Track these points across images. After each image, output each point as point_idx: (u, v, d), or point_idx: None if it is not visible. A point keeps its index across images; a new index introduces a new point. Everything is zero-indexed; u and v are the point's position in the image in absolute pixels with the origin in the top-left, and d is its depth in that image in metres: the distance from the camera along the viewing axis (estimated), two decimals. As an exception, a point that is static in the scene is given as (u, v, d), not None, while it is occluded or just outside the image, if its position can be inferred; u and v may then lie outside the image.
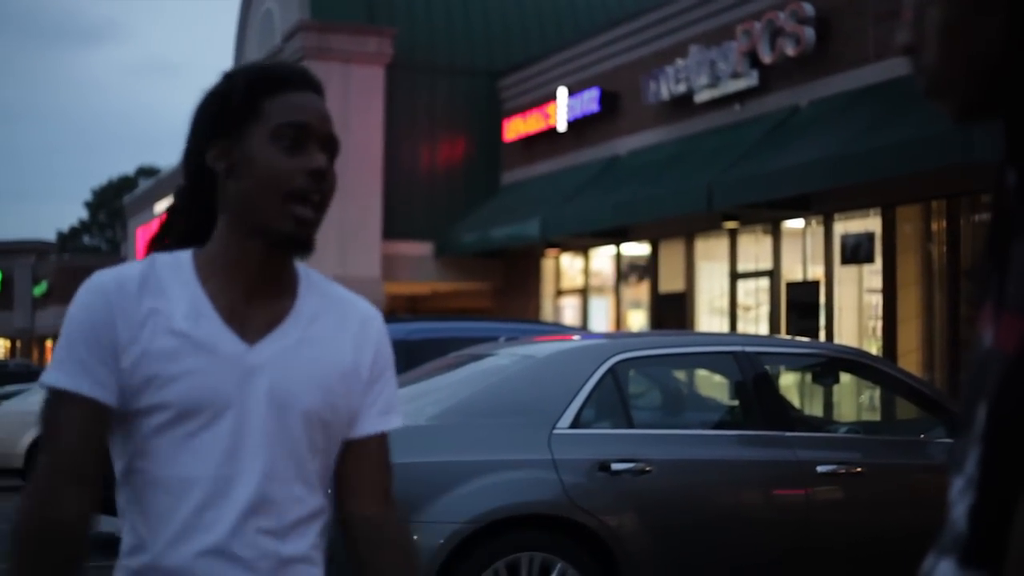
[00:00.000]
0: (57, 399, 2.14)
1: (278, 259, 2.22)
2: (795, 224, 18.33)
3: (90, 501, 2.12)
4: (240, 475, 2.15)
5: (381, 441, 2.32)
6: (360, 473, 2.30)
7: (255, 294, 2.21)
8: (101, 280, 2.20)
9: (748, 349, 7.94)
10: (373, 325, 2.33)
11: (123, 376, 2.13)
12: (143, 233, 46.76)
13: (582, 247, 24.04)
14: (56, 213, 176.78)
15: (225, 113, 2.21)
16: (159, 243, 2.35)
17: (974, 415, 1.34)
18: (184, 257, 2.23)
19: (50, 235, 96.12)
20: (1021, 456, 1.26)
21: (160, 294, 2.17)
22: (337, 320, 2.28)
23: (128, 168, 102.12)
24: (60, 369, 2.14)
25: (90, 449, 2.12)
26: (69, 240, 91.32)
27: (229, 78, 2.27)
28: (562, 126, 24.36)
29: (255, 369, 2.17)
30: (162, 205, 43.14)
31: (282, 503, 2.18)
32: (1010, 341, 1.29)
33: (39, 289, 69.33)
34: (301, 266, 2.28)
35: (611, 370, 7.53)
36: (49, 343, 70.09)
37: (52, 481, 2.09)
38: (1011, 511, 1.24)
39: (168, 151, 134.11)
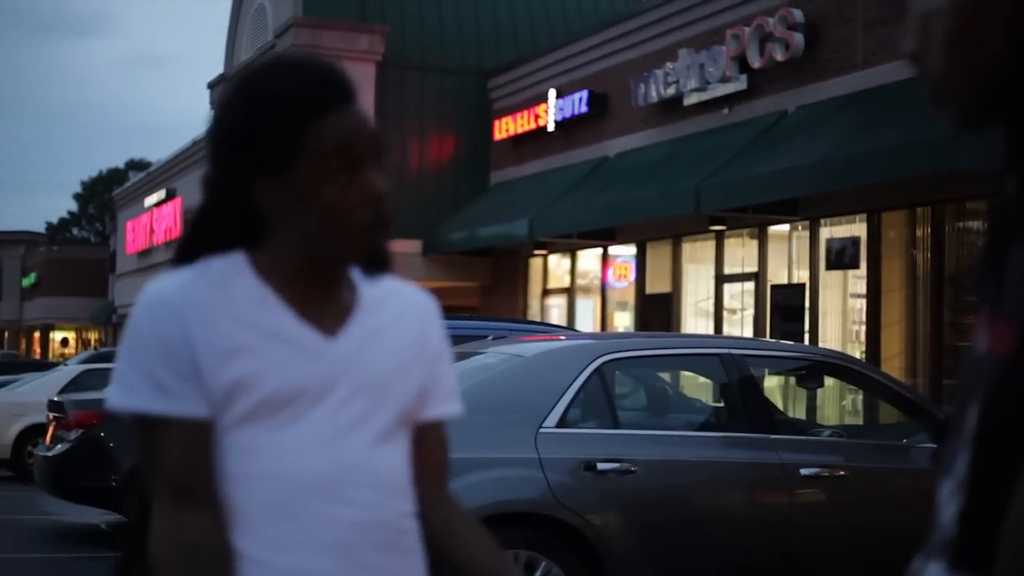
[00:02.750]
0: (147, 426, 2.05)
1: None
2: (781, 228, 18.41)
3: (217, 521, 2.04)
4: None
5: (442, 426, 2.30)
6: (427, 456, 2.26)
7: (318, 288, 2.14)
8: (160, 290, 2.07)
9: (734, 351, 7.95)
10: (431, 311, 2.30)
11: (208, 385, 2.03)
12: (132, 226, 46.68)
13: (569, 247, 24.09)
14: (46, 205, 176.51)
15: (263, 149, 2.06)
16: (189, 256, 2.17)
17: (965, 418, 1.35)
18: (239, 260, 2.13)
19: (39, 226, 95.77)
20: (1011, 460, 1.26)
21: (226, 295, 2.08)
22: (399, 307, 2.24)
23: (118, 161, 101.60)
24: (137, 392, 2.04)
25: (200, 471, 2.04)
26: (58, 231, 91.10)
27: (256, 105, 2.08)
28: (551, 126, 24.39)
29: (343, 360, 2.12)
30: (152, 199, 43.09)
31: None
32: (1004, 346, 1.30)
33: (28, 280, 69.23)
34: None
35: (598, 370, 7.55)
36: (37, 334, 69.99)
37: (173, 512, 2.02)
38: (1001, 514, 1.23)
39: (158, 144, 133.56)
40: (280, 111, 2.04)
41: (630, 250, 22.28)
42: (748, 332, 18.75)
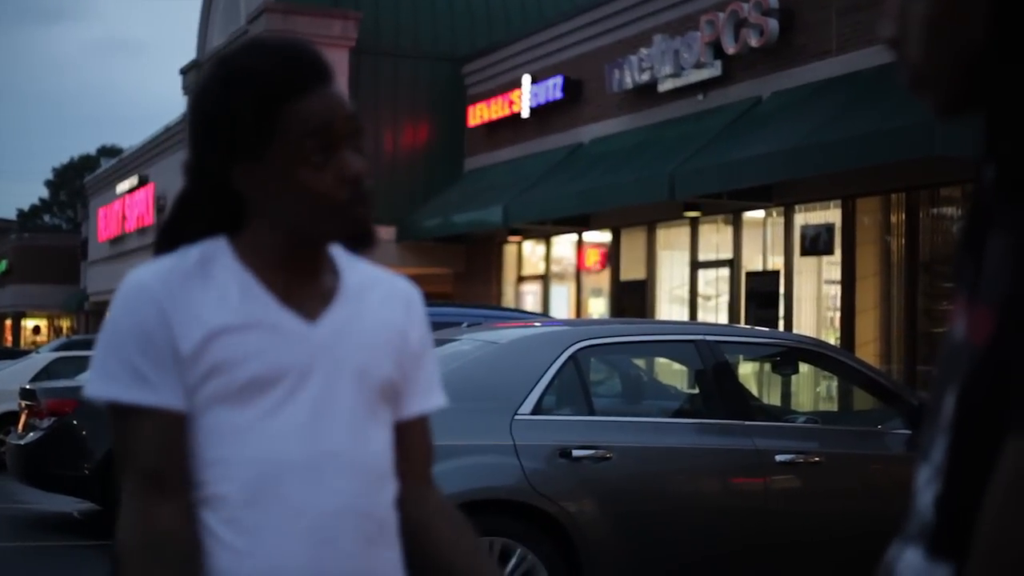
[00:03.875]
0: (122, 414, 2.04)
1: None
2: (756, 214, 18.42)
3: (187, 513, 2.03)
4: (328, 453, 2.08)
5: (425, 420, 2.29)
6: (409, 451, 2.25)
7: (300, 272, 2.13)
8: (140, 278, 2.06)
9: (708, 338, 7.95)
10: (415, 301, 2.29)
11: (186, 372, 2.03)
12: (104, 213, 46.44)
13: (544, 234, 24.07)
14: (17, 191, 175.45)
15: (239, 132, 2.05)
16: (170, 243, 2.16)
17: (942, 405, 1.35)
18: (220, 245, 2.12)
19: (10, 213, 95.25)
20: (987, 447, 1.25)
21: (206, 281, 2.07)
22: (383, 293, 2.23)
23: (90, 147, 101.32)
24: (115, 380, 2.03)
25: (172, 462, 2.02)
26: (29, 219, 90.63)
27: (230, 88, 2.06)
28: (525, 115, 24.35)
29: (324, 345, 2.10)
30: (124, 185, 42.88)
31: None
32: (980, 333, 1.30)
33: (-1, 268, 68.86)
34: None
35: (572, 357, 7.55)
36: (9, 322, 69.66)
37: (145, 502, 2.01)
38: (977, 501, 1.23)
39: (130, 130, 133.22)
40: (254, 92, 2.03)
41: (605, 236, 22.27)
42: (723, 319, 18.78)
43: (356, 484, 2.08)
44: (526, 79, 24.34)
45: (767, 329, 12.04)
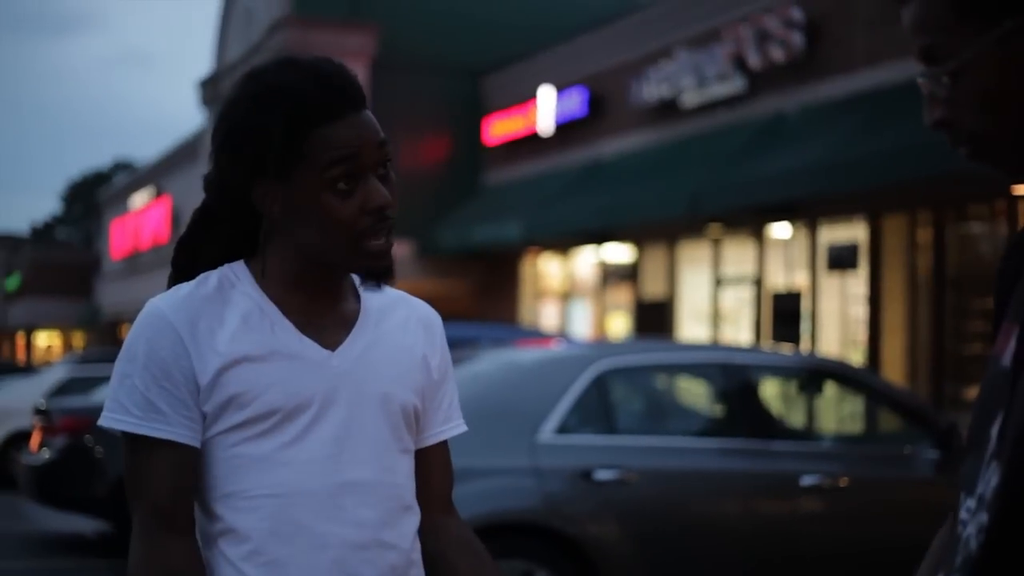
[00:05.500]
0: (134, 446, 2.02)
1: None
2: (780, 231, 18.22)
3: (196, 550, 2.02)
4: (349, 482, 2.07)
5: (446, 447, 2.28)
6: (428, 479, 2.23)
7: (320, 297, 2.11)
8: (158, 308, 2.04)
9: (734, 360, 7.98)
10: (436, 325, 2.26)
11: (205, 403, 2.01)
12: (118, 227, 46.50)
13: (564, 250, 23.93)
14: (30, 205, 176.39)
15: (265, 152, 2.01)
16: (186, 257, 2.16)
17: (987, 435, 1.34)
18: (239, 270, 2.11)
19: (23, 228, 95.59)
20: None
21: (224, 309, 2.05)
22: (403, 318, 2.20)
23: (104, 160, 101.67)
24: (129, 413, 2.01)
25: (183, 498, 2.01)
26: (44, 234, 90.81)
27: (261, 105, 2.02)
28: (546, 128, 24.21)
29: (345, 373, 2.08)
30: (138, 199, 42.94)
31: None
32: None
33: (12, 283, 68.92)
34: None
35: (596, 378, 7.54)
36: (21, 338, 69.80)
37: (156, 537, 1.98)
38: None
39: (144, 144, 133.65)
40: (283, 112, 1.99)
41: (626, 253, 22.12)
42: (746, 336, 18.61)
43: (381, 515, 2.06)
44: (547, 93, 24.18)
45: (793, 351, 11.93)
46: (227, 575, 2.02)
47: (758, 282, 18.62)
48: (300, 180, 2.00)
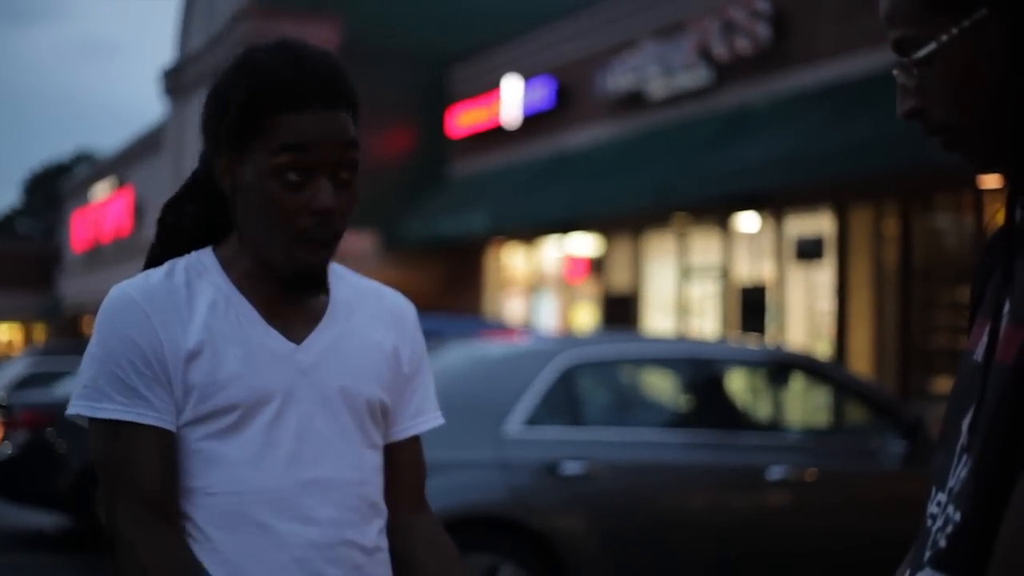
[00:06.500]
0: (115, 435, 1.95)
1: None
2: (747, 222, 18.21)
3: (182, 537, 1.97)
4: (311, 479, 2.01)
5: (417, 442, 2.22)
6: (397, 476, 2.17)
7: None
8: (127, 292, 2.00)
9: (701, 352, 8.04)
10: (408, 317, 2.21)
11: (176, 390, 1.97)
12: (80, 219, 46.16)
13: (529, 242, 23.88)
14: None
15: (224, 123, 1.99)
16: (171, 232, 2.13)
17: (958, 429, 1.35)
18: (207, 259, 2.06)
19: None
20: (1007, 471, 1.25)
21: (191, 298, 2.01)
22: (373, 311, 2.16)
23: (65, 151, 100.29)
24: (109, 399, 1.95)
25: (172, 484, 1.96)
26: (3, 225, 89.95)
27: (234, 78, 2.01)
28: (512, 119, 24.13)
29: (310, 367, 2.03)
30: (100, 190, 42.64)
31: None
32: (1010, 353, 1.30)
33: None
34: None
35: (562, 371, 7.53)
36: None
37: (151, 529, 1.93)
38: (996, 526, 1.24)
39: (106, 134, 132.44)
40: (248, 86, 1.97)
41: (592, 244, 22.08)
42: (713, 327, 18.60)
43: (345, 513, 2.01)
44: (513, 84, 24.10)
45: (759, 344, 11.91)
46: None
47: (725, 274, 18.61)
48: (252, 159, 1.96)
